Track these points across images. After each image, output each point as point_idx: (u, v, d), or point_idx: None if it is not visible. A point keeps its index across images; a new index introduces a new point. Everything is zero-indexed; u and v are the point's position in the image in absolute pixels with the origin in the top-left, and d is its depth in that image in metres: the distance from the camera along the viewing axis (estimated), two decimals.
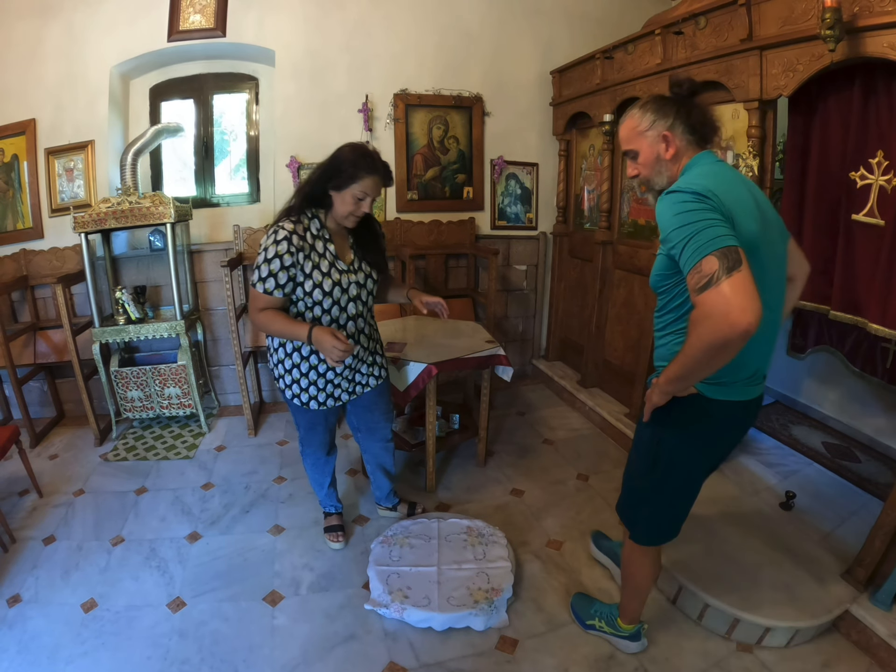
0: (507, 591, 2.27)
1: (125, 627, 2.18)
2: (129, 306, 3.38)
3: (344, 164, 1.95)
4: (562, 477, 3.17)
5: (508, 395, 4.23)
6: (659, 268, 1.45)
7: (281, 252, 1.93)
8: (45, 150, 3.53)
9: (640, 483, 1.75)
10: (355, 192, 1.98)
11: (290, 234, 1.95)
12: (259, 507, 2.91)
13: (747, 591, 2.12)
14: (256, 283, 1.97)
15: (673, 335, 1.52)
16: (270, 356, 2.26)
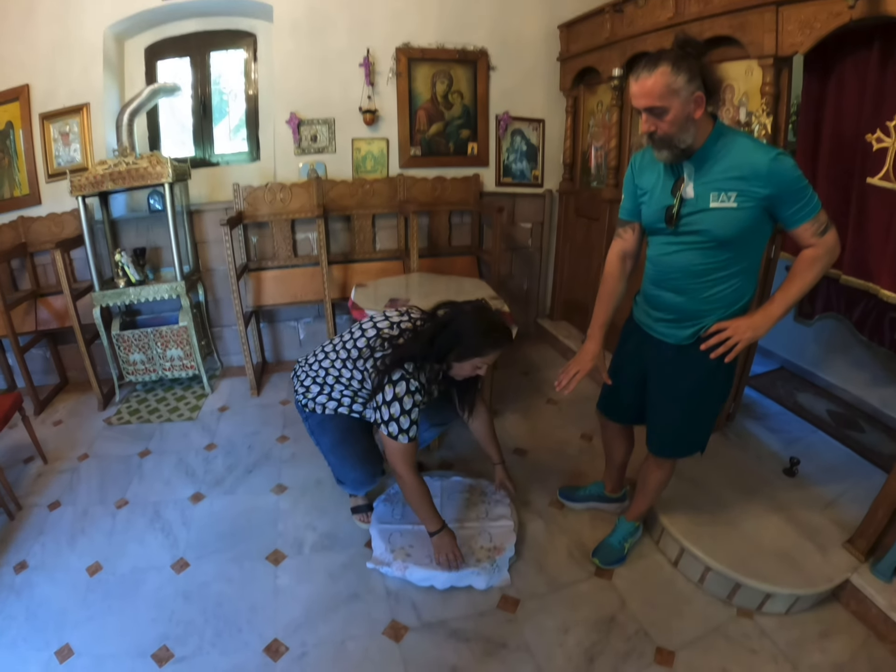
0: (509, 550, 2.21)
1: (130, 590, 2.16)
2: (128, 269, 3.28)
3: (469, 338, 1.92)
4: (565, 437, 3.09)
5: (512, 355, 4.11)
6: (746, 220, 1.55)
7: (418, 402, 1.94)
8: (40, 116, 3.40)
9: (700, 406, 1.86)
10: (477, 363, 1.97)
11: (422, 385, 1.96)
12: (262, 467, 2.86)
13: (749, 556, 2.06)
14: (398, 435, 1.93)
15: (740, 277, 1.66)
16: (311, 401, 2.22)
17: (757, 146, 1.54)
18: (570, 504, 2.54)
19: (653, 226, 1.74)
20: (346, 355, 2.10)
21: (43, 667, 1.87)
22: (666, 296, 1.76)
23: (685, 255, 1.66)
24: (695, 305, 1.71)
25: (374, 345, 2.03)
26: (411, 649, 1.93)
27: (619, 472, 2.38)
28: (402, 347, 1.95)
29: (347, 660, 1.90)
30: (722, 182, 1.54)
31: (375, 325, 2.11)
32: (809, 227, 1.55)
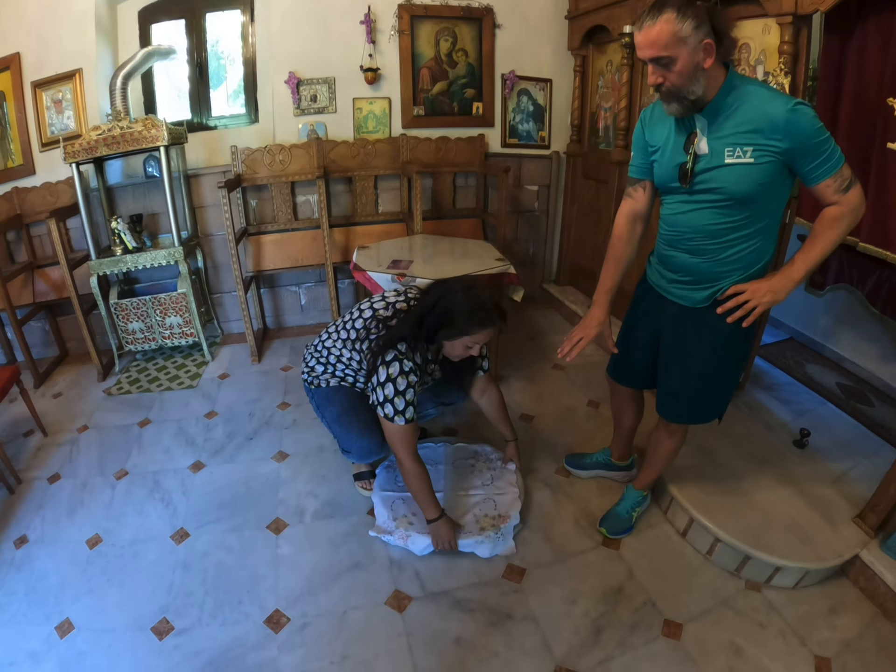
0: (514, 518, 2.14)
1: (130, 562, 2.11)
2: (125, 236, 3.17)
3: (457, 316, 1.85)
4: (572, 404, 3.00)
5: (517, 320, 3.99)
6: (764, 175, 1.44)
7: (412, 382, 1.89)
8: (32, 84, 3.24)
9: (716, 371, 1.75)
10: (466, 342, 1.90)
11: (417, 365, 1.91)
12: (263, 435, 2.79)
13: (759, 528, 1.99)
14: (394, 416, 1.89)
15: (759, 237, 1.56)
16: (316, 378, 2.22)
17: (774, 95, 1.42)
18: (576, 472, 2.47)
19: (666, 184, 1.63)
20: (346, 336, 2.08)
21: (43, 642, 1.84)
22: (681, 257, 1.66)
23: (701, 215, 1.56)
24: (711, 267, 1.60)
25: (370, 326, 2.00)
26: (414, 620, 1.88)
27: (627, 439, 2.30)
28: (394, 329, 1.91)
29: (349, 630, 1.85)
30: (737, 136, 1.44)
31: (372, 306, 2.07)
32: (832, 184, 1.43)
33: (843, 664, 1.72)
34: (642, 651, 1.78)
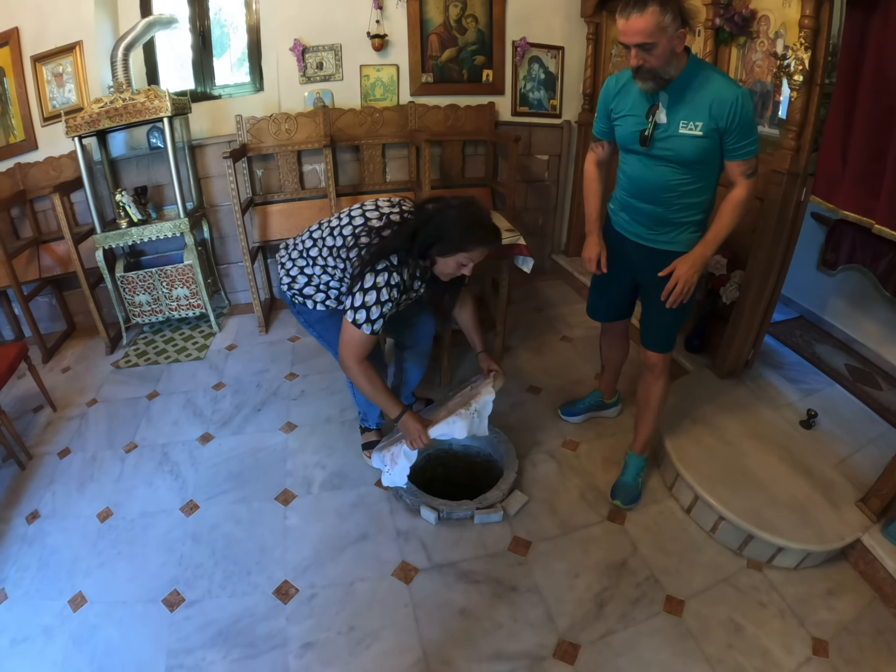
0: (486, 394, 2.06)
1: (140, 535, 2.10)
2: (130, 208, 3.09)
3: (451, 232, 1.75)
4: (579, 376, 2.94)
5: (526, 291, 3.90)
6: (707, 144, 1.67)
7: (394, 298, 1.78)
8: (32, 58, 3.11)
9: (682, 310, 1.94)
10: (460, 259, 1.80)
11: (403, 281, 1.80)
12: (270, 406, 2.75)
13: (762, 508, 1.95)
14: (363, 324, 1.76)
15: (705, 191, 1.79)
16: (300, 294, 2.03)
17: (728, 83, 1.64)
18: (571, 419, 2.60)
19: (627, 146, 1.83)
20: (332, 243, 1.89)
21: (56, 616, 1.84)
22: (644, 207, 1.87)
23: (657, 172, 1.78)
24: (670, 214, 1.83)
25: (359, 234, 1.84)
26: (420, 591, 1.87)
27: (615, 377, 2.51)
28: (387, 240, 1.78)
29: (356, 601, 1.85)
30: (692, 112, 1.65)
31: (364, 214, 1.90)
32: (742, 165, 1.70)
33: (839, 646, 1.70)
34: (644, 626, 1.76)
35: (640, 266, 2.00)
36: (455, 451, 2.48)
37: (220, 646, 1.74)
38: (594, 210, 2.10)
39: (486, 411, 2.06)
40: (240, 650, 1.72)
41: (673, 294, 1.81)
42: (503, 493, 2.14)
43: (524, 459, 2.36)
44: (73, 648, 1.74)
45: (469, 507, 2.08)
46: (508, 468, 2.23)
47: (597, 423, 2.58)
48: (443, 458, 2.48)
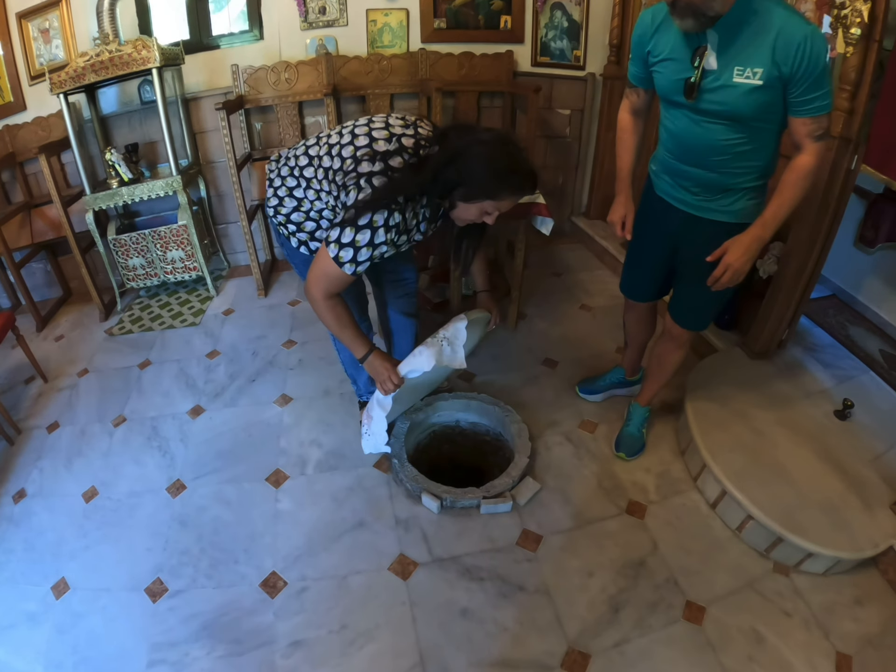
0: (456, 323, 1.76)
1: (126, 517, 1.93)
2: (120, 167, 2.81)
3: (480, 175, 1.37)
4: (599, 350, 2.65)
5: (543, 254, 3.56)
6: (769, 96, 1.32)
7: (391, 240, 1.44)
8: (17, 15, 2.80)
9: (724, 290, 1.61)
10: (486, 207, 1.43)
11: (405, 221, 1.46)
12: (266, 376, 2.51)
13: (794, 507, 1.71)
14: (346, 263, 1.42)
15: (765, 152, 1.45)
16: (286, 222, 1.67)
17: (796, 18, 1.26)
18: (590, 397, 2.33)
19: (669, 97, 1.48)
20: (328, 164, 1.49)
21: (40, 602, 1.70)
22: (691, 171, 1.54)
23: (707, 131, 1.43)
24: (723, 179, 1.50)
25: (361, 157, 1.42)
26: (419, 587, 1.67)
27: (639, 354, 2.22)
28: (398, 180, 1.39)
29: (349, 597, 1.66)
30: (749, 54, 1.29)
31: (370, 132, 1.46)
32: (811, 123, 1.33)
33: (863, 662, 1.49)
34: (661, 634, 1.55)
35: (685, 237, 1.68)
36: (462, 428, 2.25)
37: (205, 640, 1.58)
38: (626, 166, 1.77)
39: (458, 339, 1.76)
40: (225, 646, 1.56)
41: (720, 282, 1.51)
42: (513, 481, 1.90)
43: (537, 441, 2.12)
44: (57, 637, 1.62)
45: (475, 496, 1.85)
46: (520, 452, 1.99)
47: (618, 403, 2.30)
48: (449, 434, 2.26)
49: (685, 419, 2.01)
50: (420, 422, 2.15)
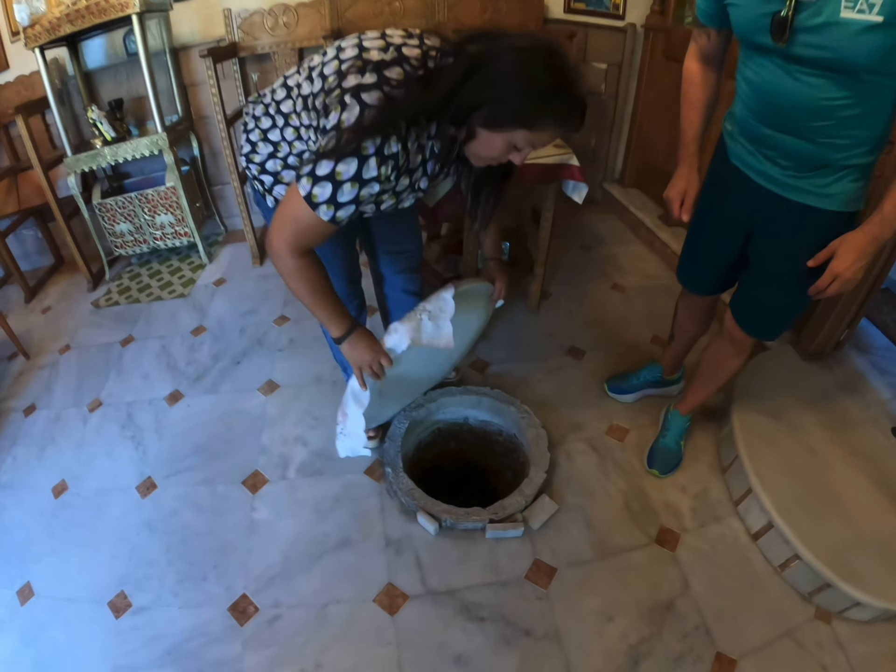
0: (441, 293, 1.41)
1: (93, 517, 1.71)
2: (101, 125, 2.50)
3: (512, 93, 0.94)
4: (632, 338, 2.27)
5: (571, 225, 3.10)
6: (886, 42, 0.88)
7: (384, 176, 1.00)
8: None
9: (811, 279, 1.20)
10: (516, 139, 1.00)
11: (407, 153, 1.04)
12: (253, 357, 2.22)
13: (847, 548, 1.39)
14: (322, 203, 1.00)
15: (882, 116, 1.02)
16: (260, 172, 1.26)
17: None
18: (620, 397, 1.98)
19: (751, 38, 1.06)
20: (309, 90, 1.10)
21: (5, 607, 1.55)
22: (781, 138, 1.12)
23: (805, 86, 1.01)
24: (821, 152, 1.09)
25: (347, 71, 1.00)
26: (408, 625, 1.40)
27: (684, 351, 1.86)
28: (396, 98, 0.97)
29: (327, 631, 1.40)
30: None
31: (361, 44, 1.04)
32: None
33: None
34: None
35: (763, 222, 1.28)
36: (471, 426, 1.95)
37: (169, 667, 1.36)
38: (692, 128, 1.36)
39: (444, 313, 1.42)
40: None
41: (824, 293, 1.16)
42: (526, 501, 1.59)
43: (557, 449, 1.80)
44: (21, 646, 1.46)
45: (480, 519, 1.55)
46: (536, 465, 1.67)
47: (652, 405, 1.95)
48: (456, 432, 1.97)
49: (730, 431, 1.67)
50: (422, 419, 1.85)
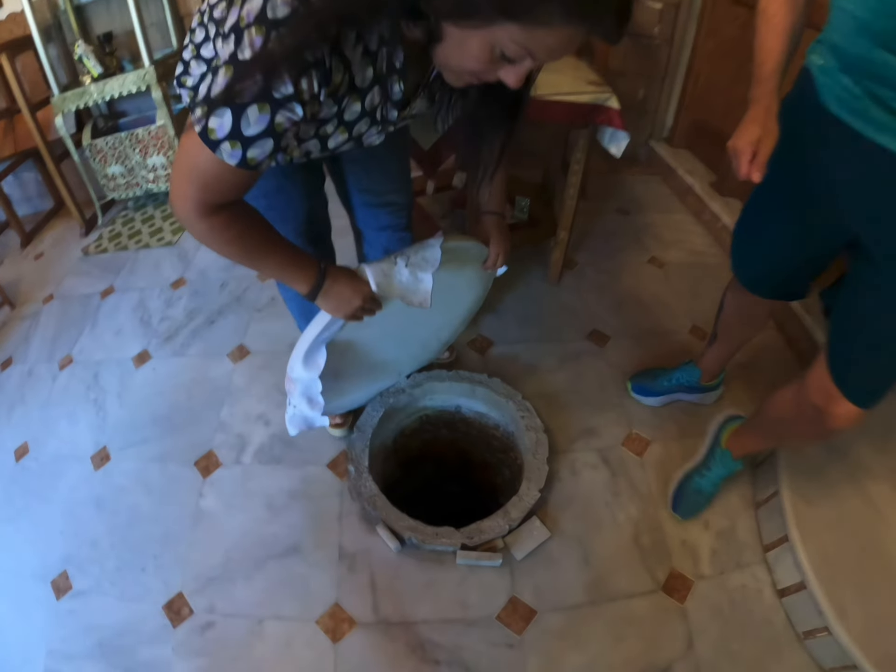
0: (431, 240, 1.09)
1: (48, 485, 1.58)
2: (87, 61, 2.22)
3: None
4: (668, 325, 1.82)
5: (607, 184, 2.56)
6: None
7: (306, 92, 0.61)
8: None
9: None
10: (502, 40, 0.57)
11: (338, 65, 0.64)
12: (228, 317, 1.96)
13: (887, 628, 1.02)
14: (223, 142, 0.63)
15: None
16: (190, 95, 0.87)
17: None
18: (645, 400, 1.57)
19: None
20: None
21: None
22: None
23: None
24: None
25: None
26: (351, 657, 1.18)
27: (728, 355, 1.45)
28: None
29: (262, 649, 1.20)
30: None
31: None
32: None
33: None
34: None
35: (872, 199, 0.83)
36: (465, 415, 1.64)
37: (99, 661, 1.23)
38: (771, 58, 0.88)
39: (427, 263, 1.08)
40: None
41: None
42: (510, 525, 1.28)
43: (560, 457, 1.46)
44: None
45: (451, 542, 1.25)
46: (530, 479, 1.34)
47: (683, 412, 1.55)
48: (448, 420, 1.67)
49: (773, 459, 1.28)
50: (403, 406, 1.56)
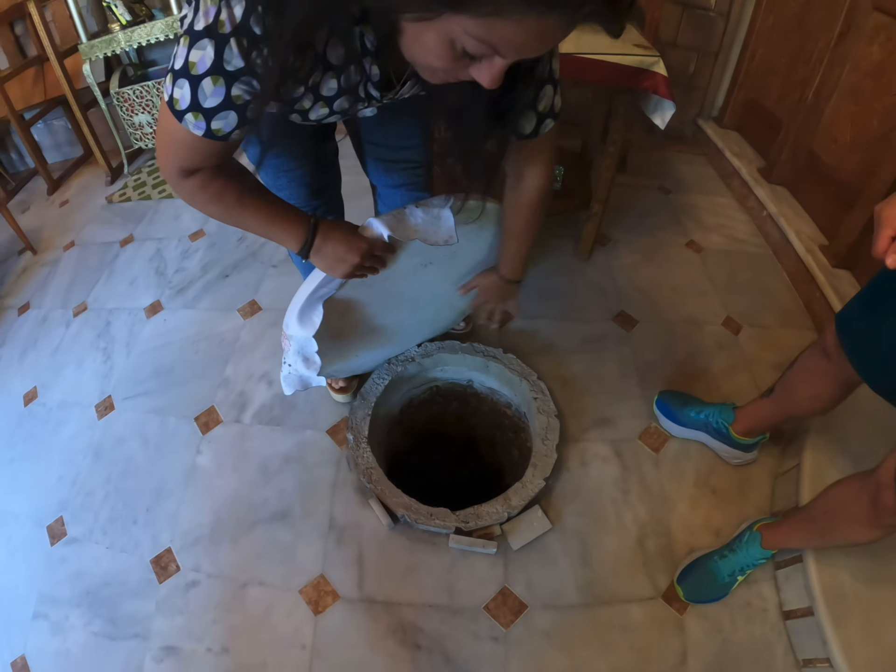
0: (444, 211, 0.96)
1: (51, 432, 1.54)
2: (116, 8, 2.13)
3: None
4: (700, 315, 1.64)
5: (649, 160, 2.32)
6: None
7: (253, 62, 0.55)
8: None
9: None
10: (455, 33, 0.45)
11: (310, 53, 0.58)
12: (242, 272, 1.86)
13: None
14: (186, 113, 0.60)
15: None
16: None
17: None
18: (665, 423, 1.34)
19: None
20: None
21: None
22: None
23: None
24: None
25: None
26: (330, 631, 1.09)
27: (779, 421, 1.14)
28: None
29: (241, 614, 1.13)
30: None
31: None
32: None
33: None
34: None
35: None
36: (476, 390, 1.52)
37: (85, 609, 1.19)
38: None
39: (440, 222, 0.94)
40: (101, 623, 1.17)
41: None
42: (510, 512, 1.16)
43: (571, 445, 1.32)
44: None
45: (445, 525, 1.14)
46: (536, 465, 1.21)
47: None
48: (459, 393, 1.55)
49: (797, 472, 1.12)
50: (412, 375, 1.44)
